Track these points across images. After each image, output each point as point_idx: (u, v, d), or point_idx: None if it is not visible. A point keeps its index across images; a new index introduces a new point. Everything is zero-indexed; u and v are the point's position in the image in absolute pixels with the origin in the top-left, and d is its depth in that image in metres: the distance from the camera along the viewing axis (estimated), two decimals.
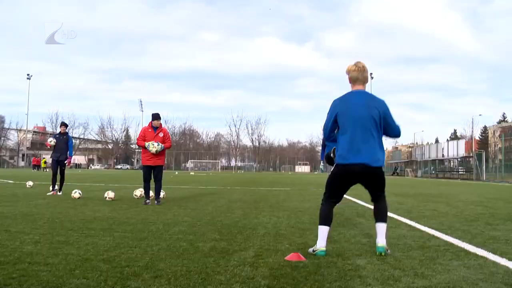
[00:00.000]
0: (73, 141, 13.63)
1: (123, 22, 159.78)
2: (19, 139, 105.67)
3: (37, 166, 64.35)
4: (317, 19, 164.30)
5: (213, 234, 5.89)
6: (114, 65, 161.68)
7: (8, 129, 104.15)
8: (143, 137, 10.09)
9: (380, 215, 4.82)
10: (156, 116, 10.21)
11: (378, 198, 4.89)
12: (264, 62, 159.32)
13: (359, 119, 4.59)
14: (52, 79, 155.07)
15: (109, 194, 10.74)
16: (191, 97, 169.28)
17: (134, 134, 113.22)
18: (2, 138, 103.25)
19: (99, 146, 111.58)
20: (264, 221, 7.29)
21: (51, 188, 12.84)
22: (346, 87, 4.90)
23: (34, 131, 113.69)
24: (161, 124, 10.31)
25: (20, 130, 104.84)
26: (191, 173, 56.39)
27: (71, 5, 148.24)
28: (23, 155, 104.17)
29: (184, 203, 10.39)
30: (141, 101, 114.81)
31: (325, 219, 4.72)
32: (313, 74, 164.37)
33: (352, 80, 4.76)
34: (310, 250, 4.71)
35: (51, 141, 12.85)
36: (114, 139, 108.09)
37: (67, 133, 13.29)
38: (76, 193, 11.12)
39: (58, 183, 12.80)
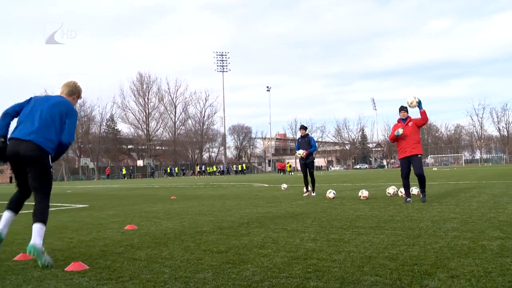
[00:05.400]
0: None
1: (347, 24, 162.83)
2: (264, 146, 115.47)
3: (282, 170, 69.23)
4: None
5: (493, 231, 5.35)
6: (344, 68, 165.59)
7: (255, 138, 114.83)
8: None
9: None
10: (402, 108, 9.93)
11: None
12: (505, 41, 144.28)
13: None
14: (288, 88, 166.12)
15: (363, 193, 10.77)
16: (424, 90, 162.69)
17: (370, 133, 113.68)
18: (251, 147, 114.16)
19: (337, 147, 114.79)
20: None
21: (305, 190, 13.51)
22: None
23: (277, 138, 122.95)
24: (409, 117, 9.95)
25: (264, 138, 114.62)
26: (433, 169, 53.81)
27: (295, 19, 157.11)
28: (269, 161, 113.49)
29: (442, 199, 9.82)
30: (373, 99, 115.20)
31: None
32: None
33: None
34: None
35: (299, 153, 13.40)
36: (350, 139, 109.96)
37: (307, 134, 13.73)
38: (330, 193, 11.45)
39: (310, 184, 13.41)
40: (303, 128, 13.83)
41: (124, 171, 75.50)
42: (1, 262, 4.61)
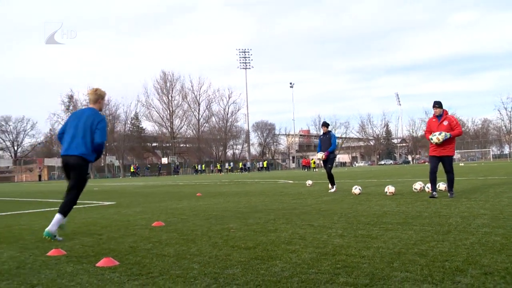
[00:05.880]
0: (337, 140, 13.88)
1: (370, 19, 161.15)
2: (288, 143, 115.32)
3: (306, 166, 68.98)
4: None
5: None
6: (367, 63, 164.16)
7: (279, 135, 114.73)
8: (429, 128, 9.78)
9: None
10: (435, 104, 9.72)
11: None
12: None
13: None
14: (311, 84, 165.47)
15: (390, 189, 10.68)
16: (449, 85, 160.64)
17: (395, 129, 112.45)
18: (275, 143, 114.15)
19: (361, 143, 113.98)
20: None
21: (329, 186, 13.45)
22: None
23: (301, 135, 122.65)
24: (445, 111, 9.75)
25: (288, 135, 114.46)
26: (460, 164, 53.02)
27: (318, 14, 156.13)
28: (292, 157, 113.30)
29: (471, 195, 9.68)
30: (397, 94, 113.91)
31: None
32: None
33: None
34: None
35: (319, 157, 13.35)
36: (375, 135, 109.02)
37: (329, 131, 13.62)
38: (356, 189, 11.39)
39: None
40: (325, 125, 13.71)
41: (132, 169, 75.34)
42: (36, 257, 4.72)
